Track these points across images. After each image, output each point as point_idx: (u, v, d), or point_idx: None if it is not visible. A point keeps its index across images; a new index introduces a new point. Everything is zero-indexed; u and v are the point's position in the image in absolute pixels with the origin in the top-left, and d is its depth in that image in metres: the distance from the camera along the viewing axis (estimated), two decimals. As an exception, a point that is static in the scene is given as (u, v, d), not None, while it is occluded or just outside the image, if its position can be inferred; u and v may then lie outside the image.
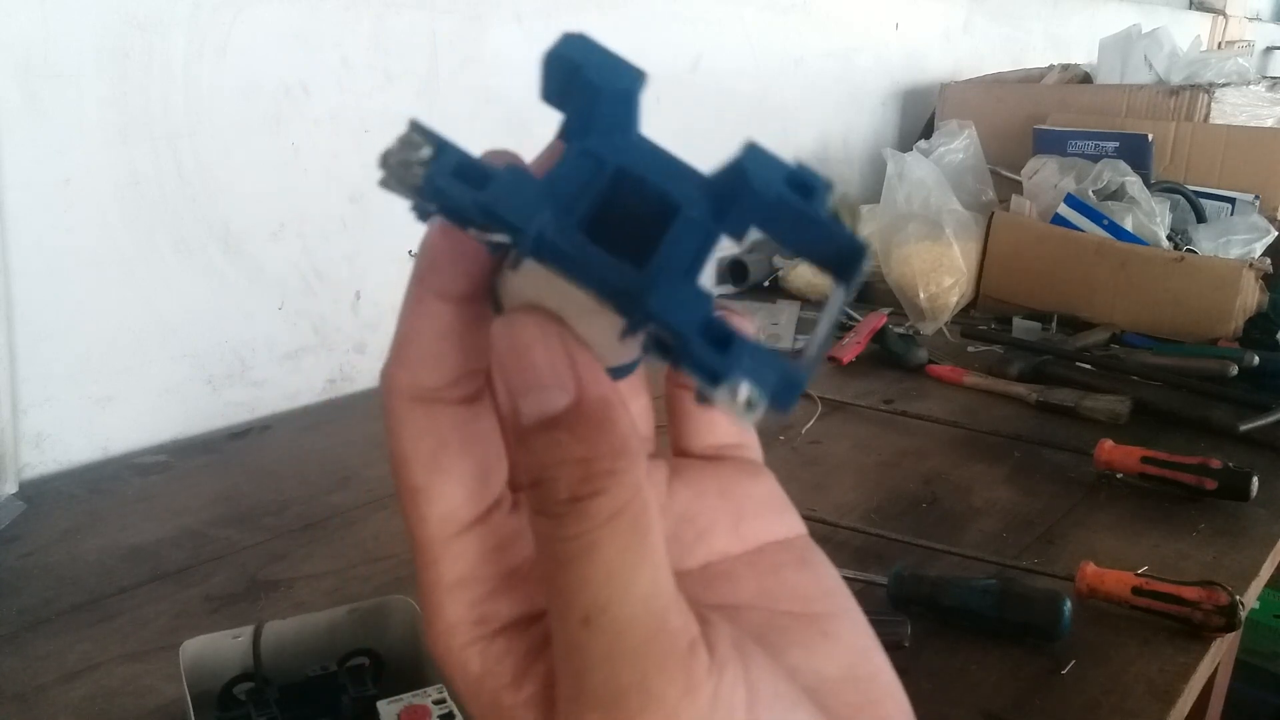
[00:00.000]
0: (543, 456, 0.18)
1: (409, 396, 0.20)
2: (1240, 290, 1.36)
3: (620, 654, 0.17)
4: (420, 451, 0.20)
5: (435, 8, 1.17)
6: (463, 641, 0.20)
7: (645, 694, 0.17)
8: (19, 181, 0.88)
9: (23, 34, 0.86)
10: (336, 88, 1.10)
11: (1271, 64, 3.83)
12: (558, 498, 0.17)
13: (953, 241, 1.50)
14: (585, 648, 0.17)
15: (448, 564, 0.20)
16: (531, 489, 0.18)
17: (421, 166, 0.17)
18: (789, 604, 0.22)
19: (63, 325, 0.93)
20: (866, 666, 0.22)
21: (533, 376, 0.18)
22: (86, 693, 0.64)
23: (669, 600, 0.18)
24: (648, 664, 0.17)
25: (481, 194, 0.17)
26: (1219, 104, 1.73)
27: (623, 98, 0.18)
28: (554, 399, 0.18)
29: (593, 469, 0.17)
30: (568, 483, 0.17)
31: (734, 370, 0.17)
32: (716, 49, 1.60)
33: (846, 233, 0.19)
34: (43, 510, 0.87)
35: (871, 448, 1.06)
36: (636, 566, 0.17)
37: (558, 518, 0.17)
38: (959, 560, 0.81)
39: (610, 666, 0.17)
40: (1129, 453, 0.97)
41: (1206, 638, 0.72)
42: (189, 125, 0.98)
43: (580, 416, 0.18)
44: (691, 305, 0.17)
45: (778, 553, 0.23)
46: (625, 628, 0.17)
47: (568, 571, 0.17)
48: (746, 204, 0.18)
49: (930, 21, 2.16)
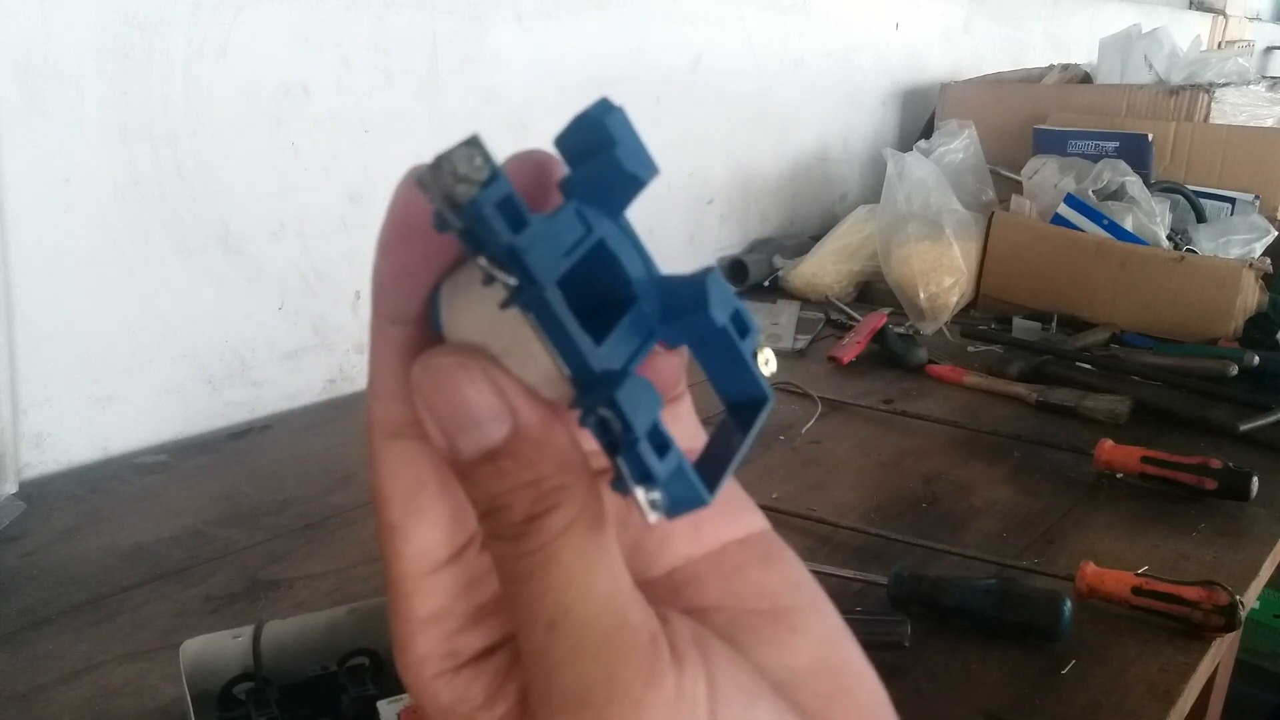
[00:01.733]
0: (490, 488, 0.18)
1: (386, 433, 0.20)
2: (1240, 290, 1.36)
3: (585, 652, 0.18)
4: (398, 490, 0.20)
5: (435, 8, 1.18)
6: (433, 673, 0.20)
7: (611, 687, 0.17)
8: (19, 181, 0.88)
9: (23, 34, 0.86)
10: (336, 88, 1.10)
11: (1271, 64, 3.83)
12: (512, 521, 0.18)
13: (953, 241, 1.50)
14: (552, 651, 0.18)
15: (420, 600, 0.20)
16: (484, 518, 0.18)
17: (472, 186, 0.17)
18: (755, 602, 0.22)
19: (63, 325, 0.93)
20: (836, 656, 0.22)
21: (465, 415, 0.18)
22: (86, 693, 0.64)
23: (628, 598, 0.18)
24: (612, 659, 0.18)
25: (517, 238, 0.17)
26: (1219, 104, 1.73)
27: (634, 184, 0.19)
28: (491, 432, 0.18)
29: (542, 489, 0.18)
30: (521, 506, 0.18)
31: (662, 477, 0.18)
32: (716, 49, 1.60)
33: (760, 381, 0.20)
34: (43, 510, 0.87)
35: (871, 448, 1.06)
36: (594, 569, 0.18)
37: (515, 539, 0.18)
38: (959, 560, 0.81)
39: (576, 665, 0.18)
40: (1129, 453, 0.97)
41: (1206, 638, 0.72)
42: (189, 125, 0.98)
43: (521, 442, 0.18)
44: (649, 407, 0.18)
45: (739, 552, 0.23)
46: (588, 627, 0.18)
47: (529, 584, 0.18)
48: (693, 321, 0.19)
49: (930, 21, 2.16)
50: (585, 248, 0.18)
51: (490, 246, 0.17)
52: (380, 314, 0.20)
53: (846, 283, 1.61)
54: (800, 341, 1.40)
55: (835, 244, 1.64)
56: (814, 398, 1.16)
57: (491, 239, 0.17)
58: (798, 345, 1.38)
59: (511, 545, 0.18)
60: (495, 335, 0.19)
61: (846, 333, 1.38)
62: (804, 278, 1.61)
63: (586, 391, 0.18)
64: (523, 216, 0.17)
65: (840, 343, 1.34)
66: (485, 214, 0.17)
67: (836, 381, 1.26)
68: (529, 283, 0.17)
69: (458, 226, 0.18)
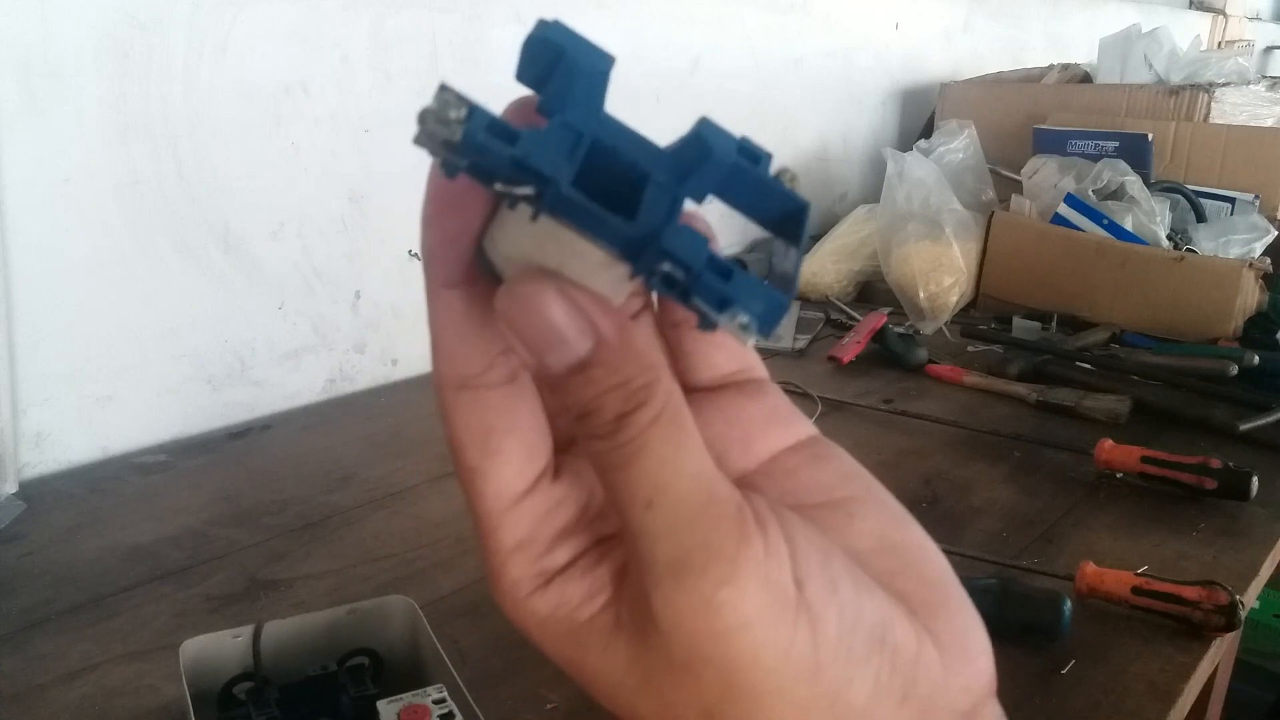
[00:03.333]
0: (582, 396, 0.20)
1: (454, 386, 0.22)
2: (1240, 290, 1.36)
3: (682, 523, 0.20)
4: (472, 436, 0.22)
5: (435, 8, 1.17)
6: (526, 593, 0.22)
7: (708, 551, 0.19)
8: (19, 181, 0.88)
9: (22, 33, 0.86)
10: (336, 88, 1.10)
11: (1271, 64, 3.83)
12: (605, 420, 0.20)
13: (953, 241, 1.50)
14: (651, 526, 0.20)
15: (506, 531, 0.22)
16: (578, 421, 0.20)
17: (459, 124, 0.18)
18: (810, 497, 0.24)
19: (63, 325, 0.93)
20: (897, 535, 0.24)
21: (551, 334, 0.20)
22: (86, 693, 0.64)
23: (713, 475, 0.20)
24: (706, 526, 0.20)
25: (514, 148, 0.18)
26: (1219, 104, 1.73)
27: (598, 78, 0.20)
28: (576, 347, 0.20)
29: (630, 389, 0.20)
30: (612, 407, 0.20)
31: (739, 296, 0.19)
32: (716, 49, 1.60)
33: (791, 194, 0.21)
34: (43, 510, 0.87)
35: (871, 448, 1.06)
36: (681, 452, 0.20)
37: (610, 435, 0.20)
38: (959, 560, 0.81)
39: (675, 536, 0.20)
40: (1129, 452, 0.97)
41: (1206, 637, 0.72)
42: (189, 125, 0.98)
43: (605, 352, 0.20)
44: (697, 244, 0.19)
45: (789, 457, 0.25)
46: (683, 501, 0.20)
47: (626, 471, 0.20)
48: (707, 171, 0.20)
49: (930, 21, 2.16)
50: (583, 149, 0.19)
51: (499, 168, 0.19)
52: (434, 280, 0.22)
53: (846, 283, 1.61)
54: (800, 341, 1.40)
55: (835, 244, 1.64)
56: (814, 398, 1.16)
57: (495, 159, 0.18)
58: (798, 345, 1.38)
59: (607, 441, 0.20)
60: (544, 253, 0.20)
61: (846, 333, 1.38)
62: (804, 277, 1.61)
63: (638, 257, 0.19)
64: (514, 133, 0.19)
65: (840, 342, 1.34)
66: (480, 140, 0.18)
67: (836, 381, 1.26)
68: (544, 183, 0.19)
69: (463, 164, 0.19)
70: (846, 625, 0.20)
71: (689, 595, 0.19)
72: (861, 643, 0.20)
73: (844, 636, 0.20)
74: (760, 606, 0.19)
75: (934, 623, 0.22)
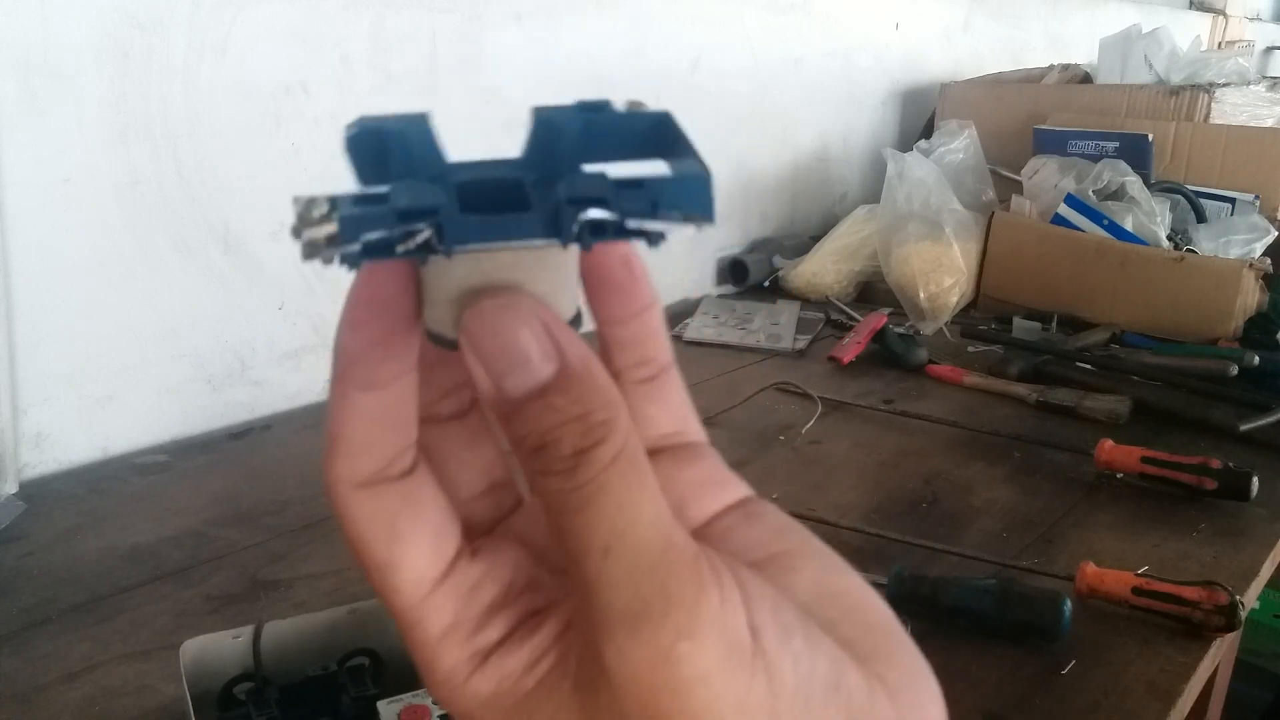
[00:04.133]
0: (541, 423, 0.19)
1: (352, 485, 0.21)
2: (1240, 290, 1.36)
3: (640, 571, 0.19)
4: (376, 531, 0.21)
5: (435, 8, 1.17)
6: (464, 677, 0.21)
7: (666, 599, 0.19)
8: (19, 181, 0.88)
9: (22, 33, 0.86)
10: (336, 88, 1.10)
11: (1271, 64, 3.83)
12: (563, 454, 0.19)
13: (953, 241, 1.50)
14: (608, 575, 0.19)
15: (431, 620, 0.21)
16: (532, 455, 0.19)
17: (329, 216, 0.18)
18: (748, 555, 0.23)
19: (63, 325, 0.93)
20: (837, 583, 0.23)
21: (516, 353, 0.19)
22: (87, 693, 0.64)
23: (670, 521, 0.20)
24: (665, 575, 0.19)
25: (391, 202, 0.18)
26: (1219, 104, 1.73)
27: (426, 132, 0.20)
28: (539, 370, 0.19)
29: (590, 422, 0.19)
30: (570, 440, 0.19)
31: (662, 193, 0.19)
32: (716, 49, 1.60)
33: (648, 113, 0.21)
34: (43, 510, 0.87)
35: (871, 448, 1.06)
36: (641, 496, 0.19)
37: (566, 472, 0.19)
38: (959, 560, 0.81)
39: (633, 585, 0.19)
40: (1129, 453, 0.97)
41: (1206, 638, 0.72)
42: (189, 125, 0.98)
43: (568, 379, 0.19)
44: (596, 179, 0.19)
45: (724, 518, 0.24)
46: (642, 548, 0.19)
47: (584, 514, 0.19)
48: (563, 148, 0.20)
49: (930, 21, 2.16)
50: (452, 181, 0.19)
51: (390, 231, 0.19)
52: (351, 384, 0.21)
53: (846, 283, 1.61)
54: (800, 341, 1.40)
55: (835, 244, 1.64)
56: (814, 398, 1.16)
57: (380, 223, 0.18)
58: (798, 345, 1.38)
59: (564, 479, 0.19)
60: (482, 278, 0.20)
61: (846, 333, 1.38)
62: (804, 278, 1.61)
63: (559, 227, 0.19)
64: (382, 194, 0.19)
65: (840, 343, 1.34)
66: (355, 214, 0.18)
67: (836, 381, 1.26)
68: (435, 213, 0.19)
69: (357, 250, 0.19)
70: (803, 673, 0.20)
71: (646, 648, 0.19)
72: (818, 690, 0.20)
73: (800, 685, 0.19)
74: (719, 657, 0.19)
75: (882, 668, 0.21)
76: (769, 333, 1.43)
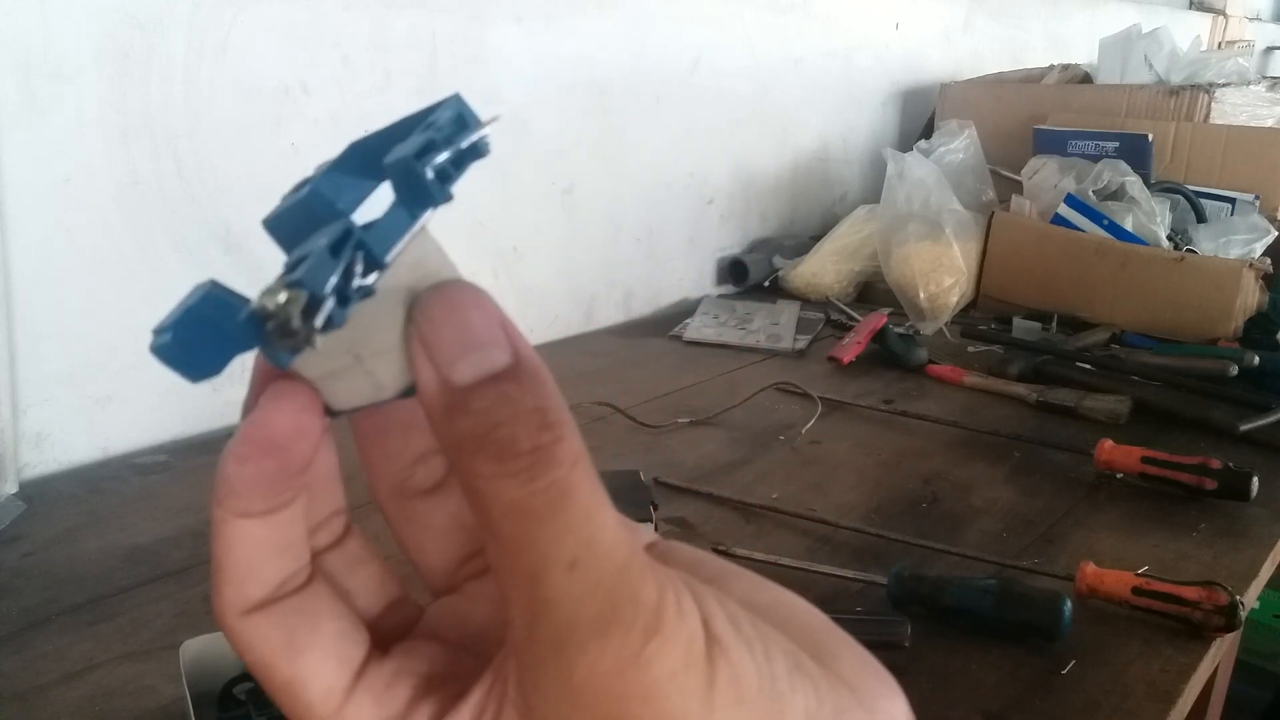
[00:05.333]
0: (493, 413, 0.18)
1: (241, 612, 0.20)
2: (1240, 290, 1.36)
3: (610, 579, 0.18)
4: (275, 651, 0.20)
5: (435, 8, 1.18)
6: None
7: (636, 606, 0.18)
8: (19, 181, 0.88)
9: (23, 33, 0.86)
10: (336, 88, 1.10)
11: (1271, 64, 3.83)
12: (519, 450, 0.18)
13: (953, 241, 1.50)
14: (576, 588, 0.18)
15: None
16: (480, 455, 0.18)
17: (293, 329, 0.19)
18: None
19: (63, 325, 0.93)
20: (766, 597, 0.22)
21: (470, 337, 0.18)
22: (86, 693, 0.64)
23: (625, 522, 0.19)
24: (634, 582, 0.18)
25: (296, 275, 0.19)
26: (1219, 104, 1.73)
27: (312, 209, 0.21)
28: (495, 356, 0.18)
29: (548, 417, 0.18)
30: (527, 435, 0.18)
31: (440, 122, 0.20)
32: (716, 49, 1.60)
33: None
34: (43, 510, 0.87)
35: (871, 448, 1.06)
36: (604, 501, 0.18)
37: (523, 472, 0.17)
38: (959, 560, 0.81)
39: (603, 593, 0.18)
40: (1129, 453, 0.97)
41: (1206, 638, 0.72)
42: (189, 125, 0.98)
43: (521, 369, 0.18)
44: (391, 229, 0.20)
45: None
46: (610, 557, 0.18)
47: (547, 523, 0.18)
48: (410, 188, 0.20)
49: (930, 21, 2.16)
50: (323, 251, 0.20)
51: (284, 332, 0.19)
52: (230, 510, 0.20)
53: (846, 283, 1.61)
54: (800, 341, 1.40)
55: (835, 244, 1.64)
56: (814, 398, 1.16)
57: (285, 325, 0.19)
58: (798, 345, 1.38)
59: (522, 482, 0.18)
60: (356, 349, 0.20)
61: (846, 333, 1.38)
62: (804, 278, 1.61)
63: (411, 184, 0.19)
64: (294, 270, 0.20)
65: (840, 343, 1.34)
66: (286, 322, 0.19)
67: (836, 381, 1.26)
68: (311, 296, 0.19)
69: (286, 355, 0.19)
70: (760, 657, 0.19)
71: (616, 654, 0.18)
72: (782, 672, 0.19)
73: (761, 668, 0.19)
74: (683, 655, 0.18)
75: (837, 665, 0.21)
76: (769, 333, 1.43)
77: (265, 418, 0.20)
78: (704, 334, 1.42)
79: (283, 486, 0.20)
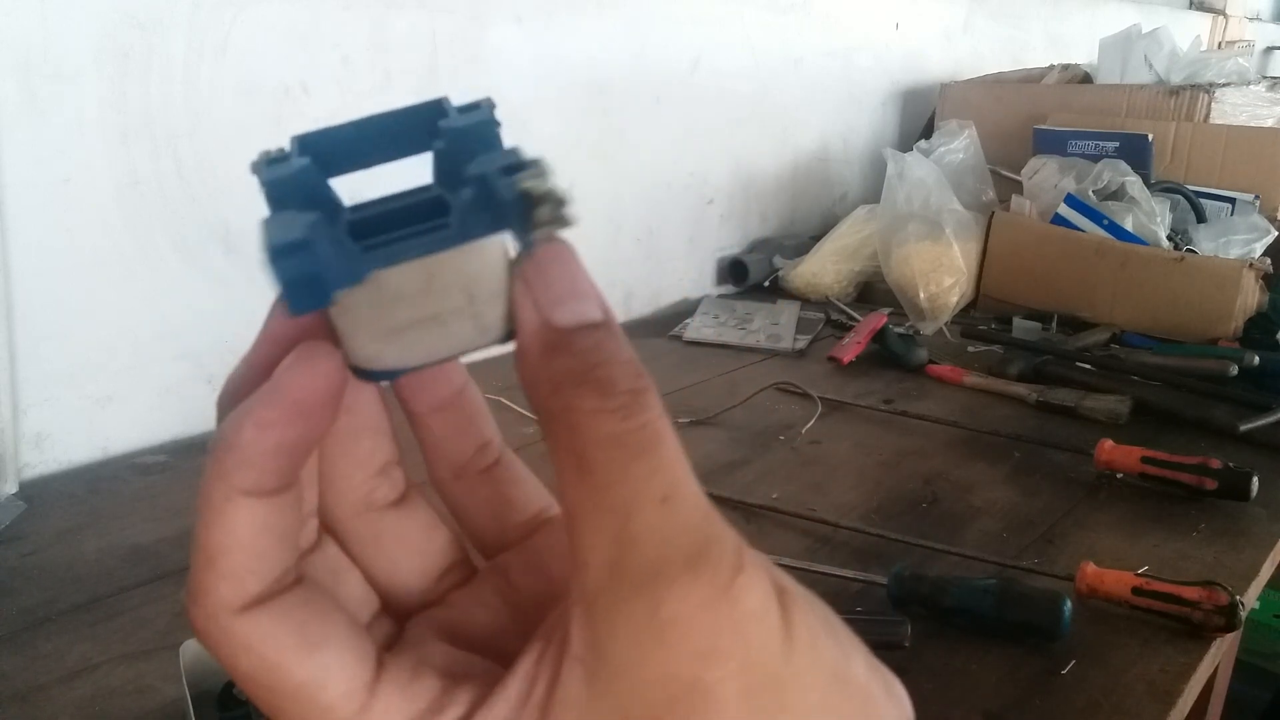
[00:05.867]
0: (591, 356, 0.19)
1: (235, 611, 0.18)
2: (1240, 290, 1.36)
3: (699, 517, 0.18)
4: (282, 650, 0.18)
5: (435, 8, 1.18)
6: None
7: (722, 543, 0.18)
8: (19, 181, 0.88)
9: (23, 34, 0.86)
10: (336, 88, 1.10)
11: (1271, 64, 3.83)
12: (617, 389, 0.18)
13: (953, 241, 1.50)
14: (665, 523, 0.18)
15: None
16: (583, 392, 0.18)
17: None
18: None
19: (63, 325, 0.93)
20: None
21: (573, 287, 0.19)
22: (86, 693, 0.64)
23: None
24: (715, 523, 0.19)
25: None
26: (1219, 104, 1.73)
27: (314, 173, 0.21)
28: (592, 308, 0.19)
29: (638, 369, 0.19)
30: (625, 378, 0.18)
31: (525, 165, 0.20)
32: (716, 49, 1.60)
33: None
34: (43, 510, 0.87)
35: (871, 448, 1.06)
36: (681, 449, 0.19)
37: (620, 410, 0.18)
38: (959, 560, 0.81)
39: (692, 529, 0.18)
40: (1129, 453, 0.97)
41: (1206, 638, 0.72)
42: (189, 125, 0.98)
43: (613, 329, 0.19)
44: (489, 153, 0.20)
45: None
46: (697, 495, 0.19)
47: (643, 460, 0.18)
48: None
49: (930, 21, 2.16)
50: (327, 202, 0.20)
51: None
52: (238, 485, 0.18)
53: (846, 283, 1.61)
54: (800, 341, 1.40)
55: (835, 244, 1.64)
56: (814, 398, 1.16)
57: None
58: (798, 345, 1.38)
59: (622, 418, 0.18)
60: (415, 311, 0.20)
61: (846, 333, 1.38)
62: (804, 278, 1.61)
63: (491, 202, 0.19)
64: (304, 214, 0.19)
65: (840, 343, 1.34)
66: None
67: (836, 381, 1.25)
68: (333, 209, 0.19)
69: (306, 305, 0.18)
70: (818, 609, 0.20)
71: (707, 587, 0.18)
72: (838, 623, 0.20)
73: (818, 620, 0.19)
74: (764, 594, 0.18)
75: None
76: (769, 333, 1.43)
77: (298, 378, 0.19)
78: (704, 334, 1.42)
79: (301, 460, 0.19)
